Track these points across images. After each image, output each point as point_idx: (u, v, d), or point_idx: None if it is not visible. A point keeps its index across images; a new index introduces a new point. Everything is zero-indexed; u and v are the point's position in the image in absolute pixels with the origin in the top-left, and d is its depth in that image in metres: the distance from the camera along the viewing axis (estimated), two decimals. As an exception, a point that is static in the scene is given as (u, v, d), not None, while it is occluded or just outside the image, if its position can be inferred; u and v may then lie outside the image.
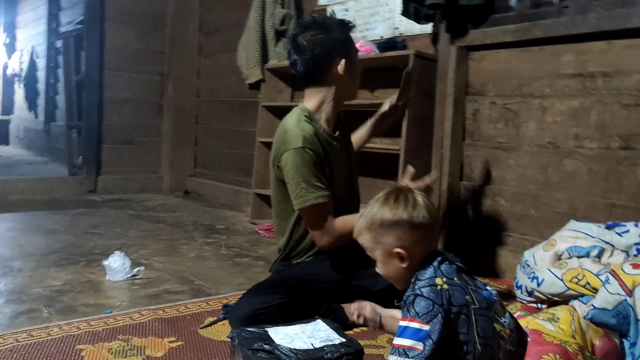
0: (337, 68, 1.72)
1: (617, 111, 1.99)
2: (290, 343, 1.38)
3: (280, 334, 1.43)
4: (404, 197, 1.23)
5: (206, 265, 2.48)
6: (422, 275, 1.19)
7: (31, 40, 6.96)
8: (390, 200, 1.24)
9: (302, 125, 1.71)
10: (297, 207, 1.69)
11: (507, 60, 2.35)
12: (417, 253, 1.23)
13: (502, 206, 2.37)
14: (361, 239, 1.29)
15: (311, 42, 1.70)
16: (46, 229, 3.05)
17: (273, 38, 3.48)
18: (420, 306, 1.13)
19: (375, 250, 1.27)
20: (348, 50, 1.76)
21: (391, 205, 1.22)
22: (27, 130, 7.47)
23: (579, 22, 2.06)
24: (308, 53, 1.71)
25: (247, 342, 1.36)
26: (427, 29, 2.73)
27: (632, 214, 1.93)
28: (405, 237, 1.21)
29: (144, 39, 4.60)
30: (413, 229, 1.21)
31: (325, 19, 1.80)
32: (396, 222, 1.21)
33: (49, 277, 2.18)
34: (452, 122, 2.47)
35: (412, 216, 1.21)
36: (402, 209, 1.21)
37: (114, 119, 4.50)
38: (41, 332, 1.61)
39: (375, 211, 1.24)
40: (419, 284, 1.18)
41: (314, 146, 1.69)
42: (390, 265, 1.25)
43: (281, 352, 1.32)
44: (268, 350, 1.33)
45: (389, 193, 1.27)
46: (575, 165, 2.12)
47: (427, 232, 1.24)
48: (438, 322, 1.12)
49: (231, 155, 4.31)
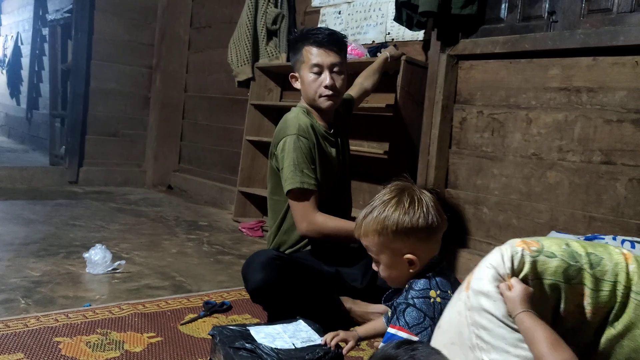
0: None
1: (600, 126, 2.04)
2: (272, 342, 1.38)
3: (262, 332, 1.42)
4: (418, 201, 1.15)
5: (188, 262, 2.46)
6: (416, 285, 1.16)
7: (16, 27, 6.85)
8: (403, 203, 1.15)
9: (299, 117, 1.83)
10: (285, 189, 1.75)
11: (495, 71, 2.38)
12: (427, 257, 1.18)
13: (485, 214, 2.40)
14: (367, 241, 1.20)
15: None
16: (25, 218, 3.00)
17: (264, 37, 3.48)
18: (412, 316, 1.11)
19: (382, 254, 1.19)
20: (295, 67, 1.90)
21: (406, 209, 1.14)
22: (8, 117, 7.34)
23: (566, 37, 2.10)
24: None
25: (229, 340, 1.36)
26: (418, 35, 2.76)
27: (611, 227, 1.97)
28: (420, 243, 1.15)
29: (134, 31, 4.55)
30: (427, 235, 1.16)
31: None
32: (412, 230, 1.13)
33: (28, 267, 2.14)
34: (439, 130, 2.50)
35: (428, 223, 1.14)
36: (417, 214, 1.13)
37: (100, 109, 4.44)
38: (18, 322, 1.58)
39: (388, 215, 1.15)
40: (412, 293, 1.15)
41: (308, 136, 1.79)
42: (395, 269, 1.19)
43: (262, 352, 1.32)
44: (249, 348, 1.33)
45: (400, 194, 1.17)
46: (558, 177, 2.16)
47: (436, 236, 1.20)
48: (427, 335, 1.10)
49: (217, 152, 4.29)
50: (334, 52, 1.82)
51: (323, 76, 1.81)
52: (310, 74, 1.82)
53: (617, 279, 0.89)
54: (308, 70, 1.82)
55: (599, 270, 0.89)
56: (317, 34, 1.82)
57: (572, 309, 0.92)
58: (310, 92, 1.84)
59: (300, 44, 1.85)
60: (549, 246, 0.92)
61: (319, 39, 1.80)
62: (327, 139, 1.88)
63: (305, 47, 1.82)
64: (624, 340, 0.91)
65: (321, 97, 1.83)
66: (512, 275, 0.92)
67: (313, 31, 1.85)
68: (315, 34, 1.82)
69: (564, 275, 0.89)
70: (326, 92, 1.81)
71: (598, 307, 0.91)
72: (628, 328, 0.90)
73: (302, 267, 1.72)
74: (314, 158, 1.79)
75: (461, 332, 0.93)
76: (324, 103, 1.84)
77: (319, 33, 1.83)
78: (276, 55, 3.48)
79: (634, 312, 0.89)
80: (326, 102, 1.83)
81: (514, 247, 0.93)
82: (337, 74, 1.83)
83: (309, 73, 1.82)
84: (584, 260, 0.90)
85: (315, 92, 1.82)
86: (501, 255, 0.93)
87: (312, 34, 1.83)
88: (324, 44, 1.80)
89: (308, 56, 1.82)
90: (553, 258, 0.90)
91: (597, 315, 0.91)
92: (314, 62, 1.80)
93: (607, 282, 0.89)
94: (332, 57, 1.81)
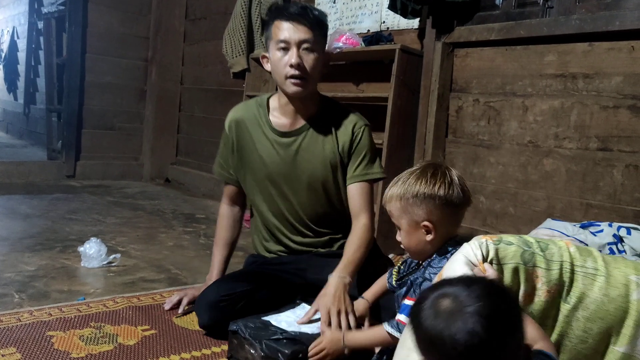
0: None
1: (597, 112, 2.02)
2: (299, 329, 1.39)
3: (283, 322, 1.43)
4: (442, 174, 1.22)
5: (184, 255, 2.46)
6: (435, 263, 1.21)
7: (12, 21, 6.81)
8: (427, 174, 1.22)
9: (240, 107, 1.79)
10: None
11: (491, 58, 2.36)
12: (443, 229, 1.22)
13: (482, 203, 2.39)
14: (390, 206, 1.26)
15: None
16: (22, 213, 2.99)
17: (259, 27, 3.45)
18: None
19: (402, 219, 1.25)
20: (267, 46, 1.65)
21: (428, 179, 1.21)
22: (6, 112, 7.32)
23: (562, 23, 2.08)
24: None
25: (265, 334, 1.34)
26: (413, 24, 2.73)
27: (607, 214, 1.96)
28: (436, 212, 1.20)
29: (129, 23, 4.52)
30: (445, 206, 1.20)
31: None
32: (430, 196, 1.20)
33: (22, 262, 2.13)
34: (435, 118, 2.48)
35: (447, 193, 1.20)
36: (438, 184, 1.20)
37: (95, 103, 4.42)
38: (11, 317, 1.58)
39: (412, 182, 1.22)
40: (430, 270, 1.20)
41: (228, 129, 1.74)
42: (414, 236, 1.24)
43: (301, 338, 1.34)
44: (291, 337, 1.34)
45: (426, 167, 1.25)
46: (554, 165, 2.14)
47: (456, 212, 1.24)
48: None
49: (214, 144, 4.24)
50: (305, 27, 1.54)
51: (289, 54, 1.54)
52: (277, 51, 1.56)
53: (563, 259, 1.02)
54: (275, 48, 1.57)
55: (548, 253, 1.02)
56: (288, 7, 1.59)
57: (530, 291, 1.01)
58: (276, 74, 1.60)
59: (270, 20, 1.61)
60: (506, 237, 1.05)
61: (288, 11, 1.56)
62: (267, 132, 1.68)
63: (274, 22, 1.58)
64: (578, 311, 1.00)
65: (287, 78, 1.56)
66: (484, 259, 1.01)
67: (286, 5, 1.63)
68: (286, 7, 1.59)
69: (521, 258, 1.01)
70: (291, 71, 1.54)
71: (551, 286, 1.01)
72: (580, 299, 1.00)
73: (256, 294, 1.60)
74: (231, 150, 1.76)
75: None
76: (290, 88, 1.57)
77: (290, 7, 1.59)
78: (271, 45, 3.45)
79: (582, 282, 1.00)
80: (292, 87, 1.57)
81: (479, 239, 1.05)
82: (306, 51, 1.55)
83: (275, 50, 1.57)
84: (535, 246, 1.03)
85: (280, 74, 1.57)
86: (470, 247, 1.04)
87: (284, 7, 1.61)
88: (294, 17, 1.55)
89: (276, 32, 1.57)
90: (511, 245, 1.03)
91: (552, 295, 1.01)
92: (281, 37, 1.55)
93: (556, 262, 1.02)
94: (301, 32, 1.54)
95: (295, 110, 1.66)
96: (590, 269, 1.01)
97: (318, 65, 1.58)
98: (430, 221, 1.20)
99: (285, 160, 1.67)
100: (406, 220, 1.23)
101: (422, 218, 1.21)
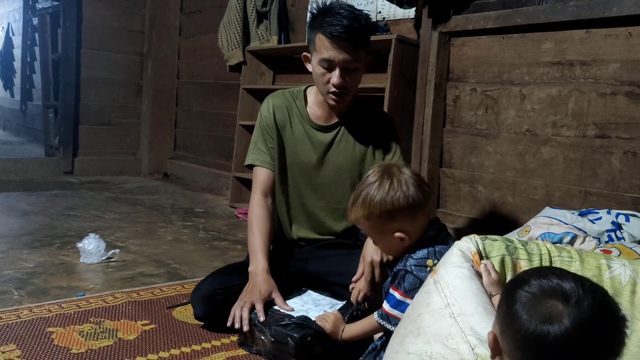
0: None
1: (594, 100, 2.01)
2: (307, 314, 1.42)
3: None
4: (397, 181, 1.22)
5: (183, 249, 2.46)
6: (415, 255, 1.23)
7: (7, 17, 6.77)
8: (385, 186, 1.22)
9: (277, 94, 1.76)
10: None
11: (488, 47, 2.35)
12: (417, 227, 1.25)
13: (481, 193, 2.39)
14: (358, 225, 1.30)
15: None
16: (20, 210, 2.99)
17: (254, 20, 3.43)
18: (408, 282, 1.21)
19: (375, 235, 1.29)
20: (310, 48, 1.65)
21: (387, 191, 1.21)
22: (3, 109, 7.30)
23: (559, 10, 2.07)
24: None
25: (273, 320, 1.38)
26: (409, 13, 2.71)
27: (606, 201, 1.96)
28: (405, 219, 1.23)
29: (123, 18, 4.49)
30: (410, 211, 1.22)
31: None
32: (395, 210, 1.21)
33: (21, 259, 2.13)
34: (432, 108, 2.47)
35: (409, 200, 1.21)
36: (398, 194, 1.20)
37: (92, 99, 4.41)
38: (10, 314, 1.58)
39: (373, 201, 1.21)
40: (410, 262, 1.23)
41: (268, 113, 1.71)
42: (390, 244, 1.28)
43: (309, 322, 1.37)
44: (299, 322, 1.37)
45: (381, 177, 1.24)
46: (552, 153, 2.14)
47: (423, 207, 1.25)
48: None
49: (211, 138, 4.26)
50: (350, 47, 1.53)
51: (333, 73, 1.57)
52: (319, 65, 1.58)
53: (542, 252, 1.12)
54: (318, 62, 1.58)
55: (528, 248, 1.13)
56: (334, 23, 1.52)
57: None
58: (318, 85, 1.65)
59: (316, 28, 1.58)
60: (491, 236, 1.15)
61: (334, 31, 1.52)
62: (306, 125, 1.72)
63: (319, 35, 1.56)
64: None
65: (328, 93, 1.61)
66: (477, 252, 1.08)
67: (330, 18, 1.54)
68: (332, 24, 1.52)
69: (507, 250, 1.11)
70: (333, 89, 1.59)
71: None
72: None
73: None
74: (271, 135, 1.71)
75: (430, 302, 1.02)
76: (330, 101, 1.63)
77: (336, 23, 1.52)
78: (267, 38, 3.43)
79: (560, 267, 1.07)
80: (332, 101, 1.62)
81: (469, 236, 1.13)
82: (349, 72, 1.57)
83: (319, 65, 1.58)
84: (517, 242, 1.14)
85: (322, 86, 1.62)
86: (464, 242, 1.11)
87: (328, 22, 1.53)
88: (340, 37, 1.52)
89: (320, 47, 1.56)
90: (496, 241, 1.12)
91: None
92: (324, 56, 1.55)
93: (535, 254, 1.11)
94: (345, 54, 1.53)
95: (330, 107, 1.70)
96: (566, 257, 1.11)
97: (360, 79, 1.64)
98: (402, 230, 1.23)
99: (317, 153, 1.72)
100: (379, 235, 1.28)
101: (394, 230, 1.24)
